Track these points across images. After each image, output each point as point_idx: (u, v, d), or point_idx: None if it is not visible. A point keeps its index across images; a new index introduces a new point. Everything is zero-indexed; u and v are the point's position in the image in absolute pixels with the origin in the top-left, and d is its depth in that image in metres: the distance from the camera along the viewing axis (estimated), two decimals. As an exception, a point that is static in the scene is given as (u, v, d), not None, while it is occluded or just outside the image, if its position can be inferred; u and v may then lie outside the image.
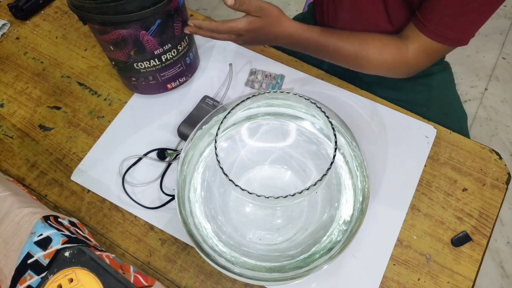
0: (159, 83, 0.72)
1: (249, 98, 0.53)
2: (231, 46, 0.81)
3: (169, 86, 0.73)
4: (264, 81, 0.76)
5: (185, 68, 0.73)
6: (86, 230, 0.62)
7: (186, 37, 0.69)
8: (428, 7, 0.65)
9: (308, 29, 0.68)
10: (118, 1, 0.58)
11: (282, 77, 0.77)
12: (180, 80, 0.74)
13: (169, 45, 0.67)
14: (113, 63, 0.70)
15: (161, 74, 0.70)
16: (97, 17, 0.60)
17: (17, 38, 0.83)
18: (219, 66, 0.79)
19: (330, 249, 0.54)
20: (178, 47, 0.68)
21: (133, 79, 0.71)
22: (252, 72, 0.77)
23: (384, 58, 0.70)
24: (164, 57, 0.68)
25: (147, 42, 0.64)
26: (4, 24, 0.84)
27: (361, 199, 0.56)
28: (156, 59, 0.67)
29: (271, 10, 0.64)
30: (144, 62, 0.67)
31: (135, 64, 0.68)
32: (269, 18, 0.64)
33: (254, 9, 0.62)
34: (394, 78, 0.74)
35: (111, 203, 0.67)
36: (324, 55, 0.72)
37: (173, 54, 0.68)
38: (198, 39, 0.80)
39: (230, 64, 0.76)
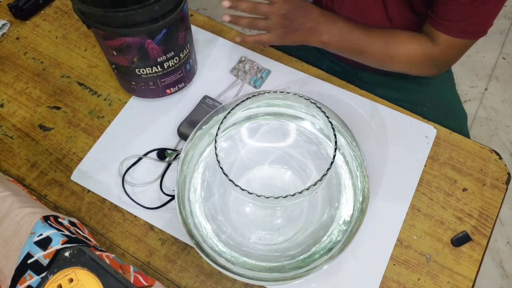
0: (158, 88, 0.72)
1: (249, 98, 0.53)
2: (230, 46, 0.81)
3: (168, 91, 0.74)
4: (249, 73, 0.75)
5: (184, 74, 0.73)
6: (86, 230, 0.62)
7: (188, 45, 0.70)
8: (441, 5, 0.65)
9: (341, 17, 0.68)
10: (128, 11, 0.58)
11: (268, 72, 0.76)
12: (179, 85, 0.74)
13: (172, 53, 0.67)
14: (114, 66, 0.70)
15: (162, 80, 0.71)
16: (104, 28, 0.61)
17: (17, 38, 0.83)
18: (219, 67, 0.79)
19: (330, 249, 0.54)
20: (180, 55, 0.69)
21: (133, 83, 0.71)
22: (241, 60, 0.76)
23: (411, 53, 0.70)
24: (166, 64, 0.68)
25: (151, 50, 0.65)
26: (4, 24, 0.84)
27: (361, 199, 0.56)
28: (158, 66, 0.68)
29: None
30: (146, 69, 0.68)
31: (136, 70, 0.68)
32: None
33: None
34: (423, 76, 0.75)
35: (111, 203, 0.67)
36: (353, 51, 0.71)
37: (175, 62, 0.69)
38: (198, 45, 0.80)
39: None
